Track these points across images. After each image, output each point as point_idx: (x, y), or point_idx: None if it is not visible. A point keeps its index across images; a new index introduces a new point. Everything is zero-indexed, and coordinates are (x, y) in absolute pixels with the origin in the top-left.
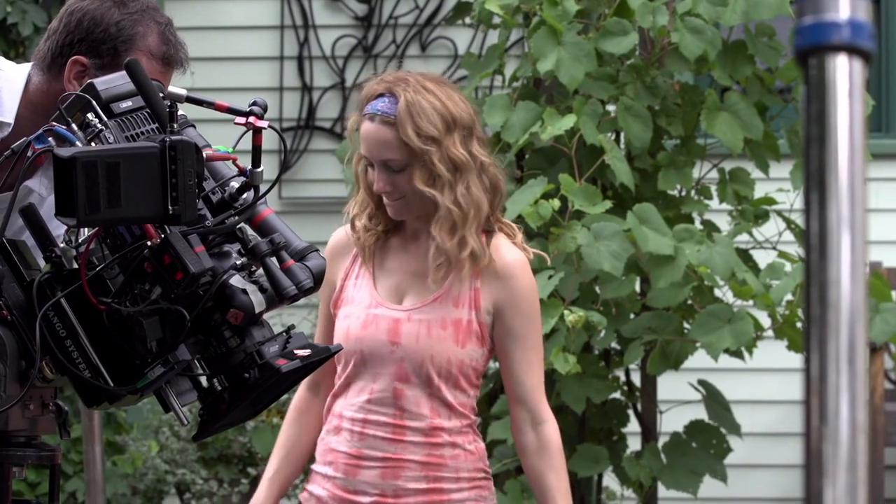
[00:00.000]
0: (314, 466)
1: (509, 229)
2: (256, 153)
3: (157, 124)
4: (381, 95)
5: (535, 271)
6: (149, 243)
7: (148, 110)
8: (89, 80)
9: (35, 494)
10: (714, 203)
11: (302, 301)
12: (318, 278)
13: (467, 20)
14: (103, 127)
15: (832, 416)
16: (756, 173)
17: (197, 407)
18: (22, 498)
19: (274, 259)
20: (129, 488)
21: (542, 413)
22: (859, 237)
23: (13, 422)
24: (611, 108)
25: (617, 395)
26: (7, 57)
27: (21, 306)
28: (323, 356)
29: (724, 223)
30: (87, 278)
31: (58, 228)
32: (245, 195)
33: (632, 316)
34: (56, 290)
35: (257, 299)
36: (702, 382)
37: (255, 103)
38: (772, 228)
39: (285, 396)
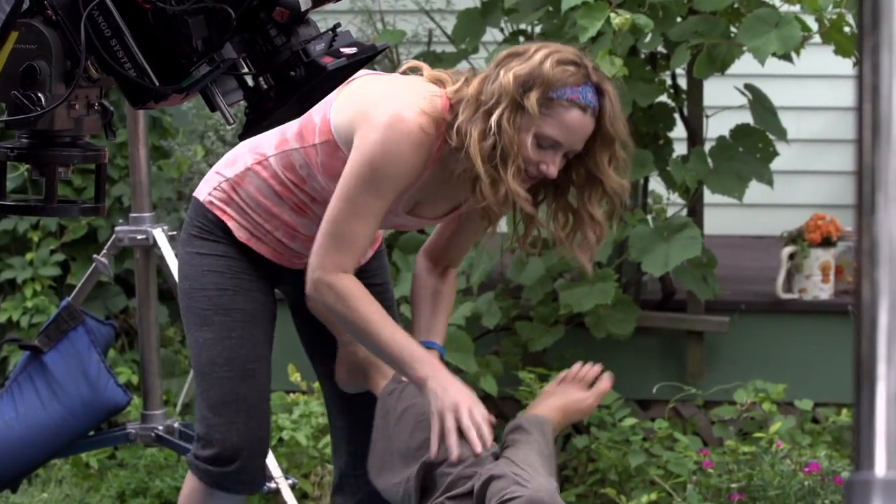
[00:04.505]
0: None
1: None
2: None
3: None
4: (585, 84)
5: None
6: None
7: None
8: None
9: (81, 198)
10: None
11: (346, 2)
12: None
13: None
14: None
15: (885, 101)
16: None
17: (243, 107)
18: (68, 199)
19: None
20: (174, 192)
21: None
22: None
23: (59, 122)
24: None
25: (663, 98)
26: None
27: (66, 6)
28: (369, 54)
29: None
30: None
31: None
32: None
33: (678, 19)
34: None
35: None
36: (748, 87)
37: None
38: None
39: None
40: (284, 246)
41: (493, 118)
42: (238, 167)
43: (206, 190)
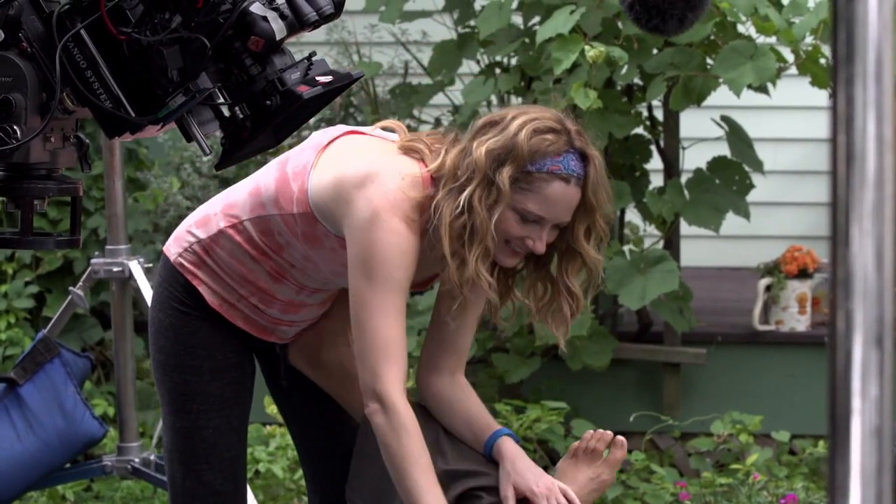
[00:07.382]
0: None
1: None
2: None
3: None
4: (567, 152)
5: (557, 7)
6: None
7: None
8: None
9: (57, 231)
10: None
11: (322, 32)
12: (338, 4)
13: None
14: None
15: (859, 132)
16: None
17: (219, 138)
18: (44, 231)
19: None
20: (150, 225)
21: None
22: None
23: (34, 154)
24: None
25: (639, 130)
26: None
27: (41, 38)
28: (345, 82)
29: None
30: (107, 9)
31: None
32: None
33: (654, 51)
34: (76, 22)
35: (278, 26)
36: (724, 119)
37: None
38: None
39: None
40: (259, 311)
41: (464, 196)
42: (211, 228)
43: (176, 250)
